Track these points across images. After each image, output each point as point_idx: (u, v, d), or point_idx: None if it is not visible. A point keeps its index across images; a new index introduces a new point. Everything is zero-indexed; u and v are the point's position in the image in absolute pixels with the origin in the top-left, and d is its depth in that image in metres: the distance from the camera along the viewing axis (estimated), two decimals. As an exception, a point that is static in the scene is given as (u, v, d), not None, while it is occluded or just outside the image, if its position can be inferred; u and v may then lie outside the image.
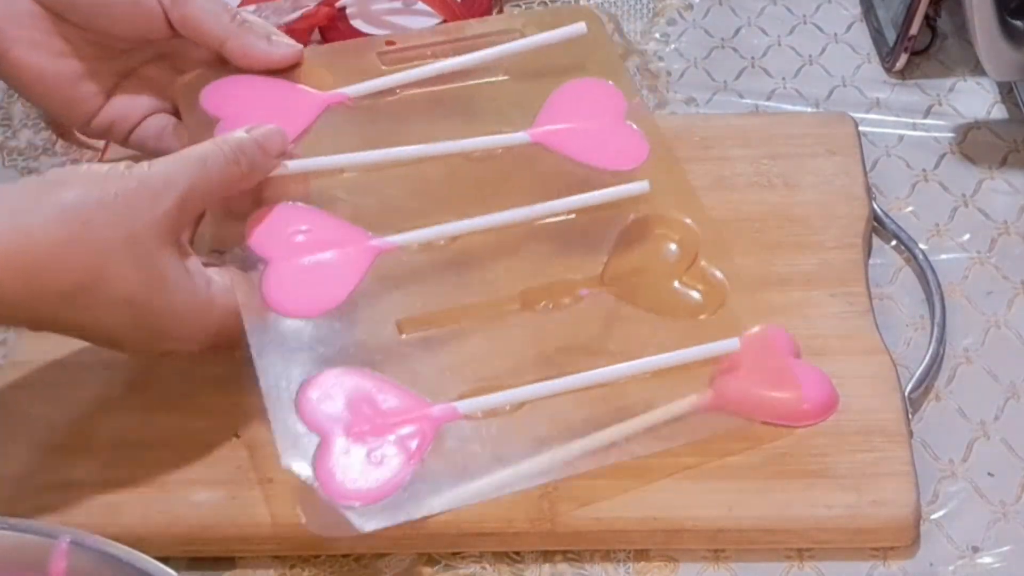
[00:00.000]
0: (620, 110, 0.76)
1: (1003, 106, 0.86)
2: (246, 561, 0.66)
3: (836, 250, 0.75)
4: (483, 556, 0.66)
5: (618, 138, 0.75)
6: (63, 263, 0.59)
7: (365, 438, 0.62)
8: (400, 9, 0.93)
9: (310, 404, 0.63)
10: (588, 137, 0.75)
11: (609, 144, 0.75)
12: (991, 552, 0.65)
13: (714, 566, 0.65)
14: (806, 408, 0.68)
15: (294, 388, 0.63)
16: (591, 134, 0.75)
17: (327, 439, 0.62)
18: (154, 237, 0.62)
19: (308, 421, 0.63)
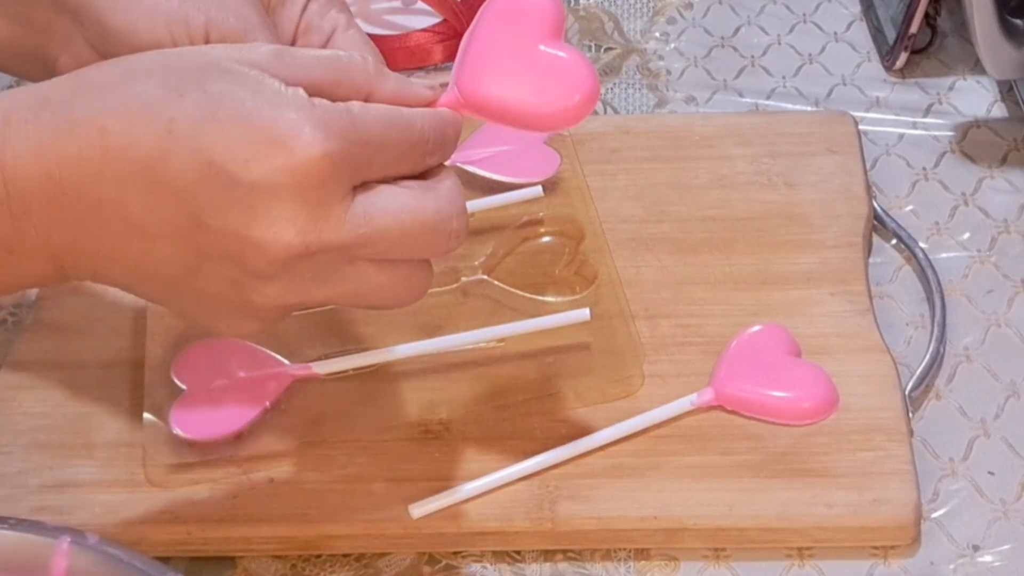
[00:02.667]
0: (541, 136, 0.79)
1: (1003, 105, 0.86)
2: (246, 561, 0.66)
3: (836, 249, 0.75)
4: (483, 555, 0.66)
5: (533, 157, 0.78)
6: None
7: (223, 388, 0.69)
8: (400, 9, 0.93)
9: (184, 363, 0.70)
10: (503, 157, 0.78)
11: (522, 162, 0.78)
12: (991, 550, 0.65)
13: (715, 565, 0.65)
14: (806, 407, 0.68)
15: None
16: (507, 155, 0.78)
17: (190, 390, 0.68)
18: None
19: (179, 377, 0.69)
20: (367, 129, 0.54)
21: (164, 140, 0.52)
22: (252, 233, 0.52)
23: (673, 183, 0.79)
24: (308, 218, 0.52)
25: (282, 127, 0.52)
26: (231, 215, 0.52)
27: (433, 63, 0.91)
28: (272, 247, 0.52)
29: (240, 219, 0.52)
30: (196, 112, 0.52)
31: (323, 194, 0.52)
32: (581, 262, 0.75)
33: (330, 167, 0.52)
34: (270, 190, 0.52)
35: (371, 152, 0.54)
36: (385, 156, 0.54)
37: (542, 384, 0.70)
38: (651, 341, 0.71)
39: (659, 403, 0.68)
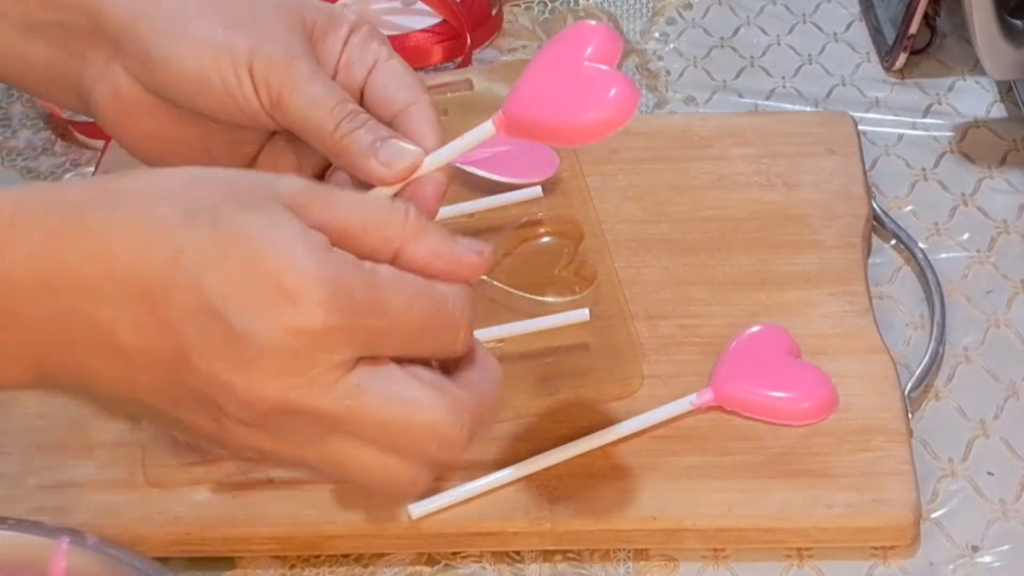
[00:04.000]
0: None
1: (1002, 105, 0.86)
2: (246, 561, 0.66)
3: (836, 249, 0.75)
4: (483, 556, 0.66)
5: (532, 157, 0.78)
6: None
7: None
8: (400, 9, 0.93)
9: None
10: (503, 158, 0.78)
11: (522, 162, 0.78)
12: (991, 551, 0.65)
13: (714, 565, 0.65)
14: (806, 407, 0.68)
15: None
16: (507, 155, 0.78)
17: None
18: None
19: None
20: (386, 301, 0.51)
21: (169, 271, 0.50)
22: (235, 380, 0.50)
23: (673, 183, 0.79)
24: (293, 378, 0.50)
25: (290, 281, 0.49)
26: (218, 359, 0.50)
27: (433, 63, 0.91)
28: (251, 397, 0.50)
29: (226, 365, 0.50)
30: (205, 247, 0.50)
31: (316, 357, 0.50)
32: (580, 262, 0.75)
33: (329, 336, 0.49)
34: (262, 342, 0.49)
35: (385, 327, 0.51)
36: (402, 335, 0.51)
37: (542, 385, 0.70)
38: (651, 341, 0.71)
39: (659, 403, 0.68)
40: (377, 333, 0.50)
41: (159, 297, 0.50)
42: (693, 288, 0.74)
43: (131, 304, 0.50)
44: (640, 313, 0.72)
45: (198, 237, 0.50)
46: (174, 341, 0.50)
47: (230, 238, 0.50)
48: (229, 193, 0.51)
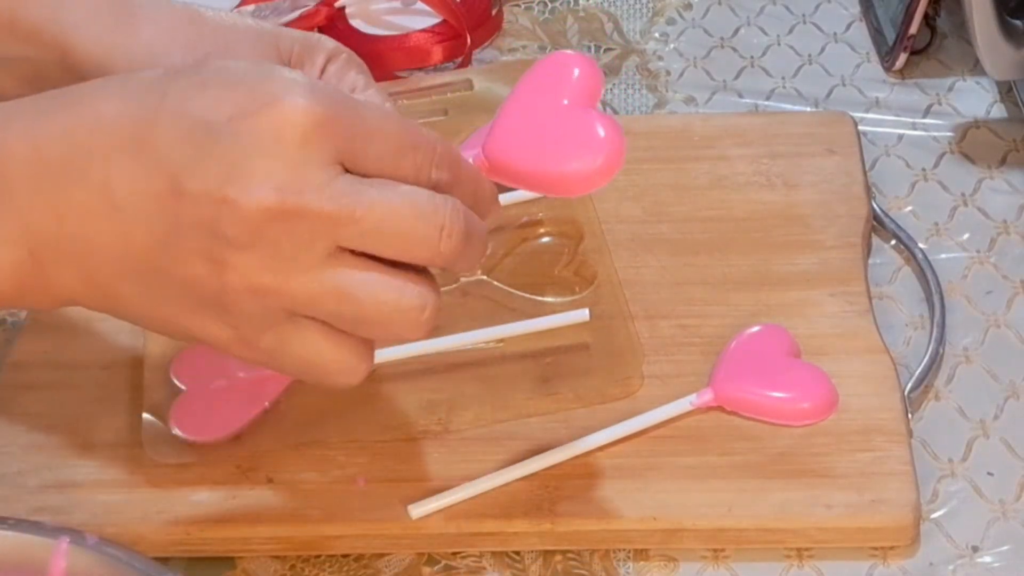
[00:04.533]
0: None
1: (1002, 105, 0.86)
2: (246, 561, 0.66)
3: (836, 249, 0.75)
4: (482, 556, 0.66)
5: None
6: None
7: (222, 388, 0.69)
8: (399, 9, 0.93)
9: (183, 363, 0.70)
10: None
11: None
12: (991, 551, 0.65)
13: (714, 566, 0.65)
14: (806, 407, 0.68)
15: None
16: None
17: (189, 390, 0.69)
18: None
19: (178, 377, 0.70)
20: (365, 110, 0.52)
21: (154, 111, 0.51)
22: (229, 191, 0.50)
23: (672, 184, 0.79)
24: (287, 175, 0.50)
25: (271, 86, 0.51)
26: (210, 173, 0.50)
27: (433, 63, 0.91)
28: (248, 204, 0.50)
29: (218, 176, 0.50)
30: (189, 83, 0.51)
31: (305, 153, 0.50)
32: (580, 262, 0.75)
33: (314, 125, 0.50)
34: (250, 145, 0.50)
35: (365, 132, 0.52)
36: (382, 145, 0.52)
37: (542, 385, 0.70)
38: (650, 342, 0.71)
39: (658, 404, 0.68)
40: (359, 137, 0.51)
41: (146, 135, 0.51)
42: (693, 288, 0.74)
43: (120, 152, 0.51)
44: (640, 313, 0.72)
45: (181, 78, 0.52)
46: (165, 173, 0.51)
47: (214, 72, 0.52)
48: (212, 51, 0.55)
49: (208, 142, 0.50)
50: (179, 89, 0.51)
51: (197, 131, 0.50)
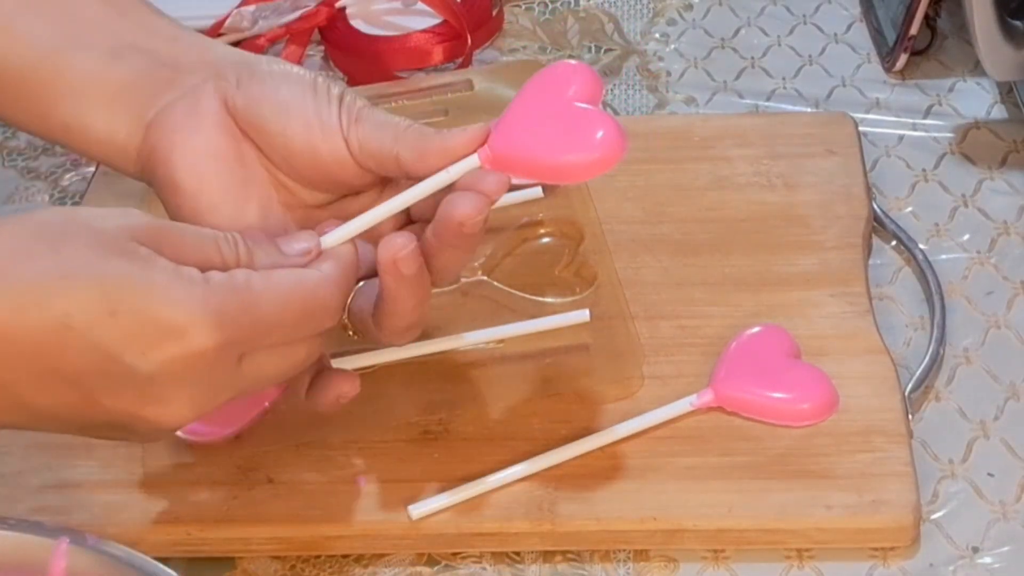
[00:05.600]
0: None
1: (1003, 106, 0.86)
2: (246, 561, 0.66)
3: (836, 250, 0.75)
4: (483, 556, 0.66)
5: None
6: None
7: None
8: (400, 9, 0.93)
9: None
10: None
11: None
12: (991, 552, 0.65)
13: (714, 566, 0.65)
14: (806, 408, 0.68)
15: None
16: None
17: None
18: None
19: None
20: (264, 309, 0.55)
21: (60, 334, 0.52)
22: (146, 412, 0.54)
23: (673, 184, 0.79)
24: (200, 394, 0.55)
25: (178, 317, 0.53)
26: (126, 397, 0.54)
27: (433, 64, 0.91)
28: (167, 422, 0.55)
29: (135, 401, 0.54)
30: (91, 307, 0.53)
31: (213, 370, 0.55)
32: (581, 263, 0.75)
33: (218, 348, 0.54)
34: (167, 376, 0.54)
35: (265, 329, 0.55)
36: (278, 333, 0.56)
37: (542, 385, 0.70)
38: (651, 342, 0.71)
39: (659, 404, 0.68)
40: (258, 334, 0.55)
41: (55, 356, 0.53)
42: (693, 289, 0.74)
43: (26, 363, 0.53)
44: (640, 314, 0.72)
45: (82, 298, 0.53)
46: (78, 390, 0.54)
47: (113, 292, 0.53)
48: (92, 242, 0.54)
49: (124, 372, 0.53)
50: (83, 314, 0.52)
51: (110, 362, 0.53)
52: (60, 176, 0.87)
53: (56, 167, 0.87)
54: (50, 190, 0.86)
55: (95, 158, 0.64)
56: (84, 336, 0.52)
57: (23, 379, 0.53)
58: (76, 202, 0.83)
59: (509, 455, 0.67)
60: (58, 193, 0.86)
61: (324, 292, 0.57)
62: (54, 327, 0.52)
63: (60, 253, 0.53)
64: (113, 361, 0.53)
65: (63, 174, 0.87)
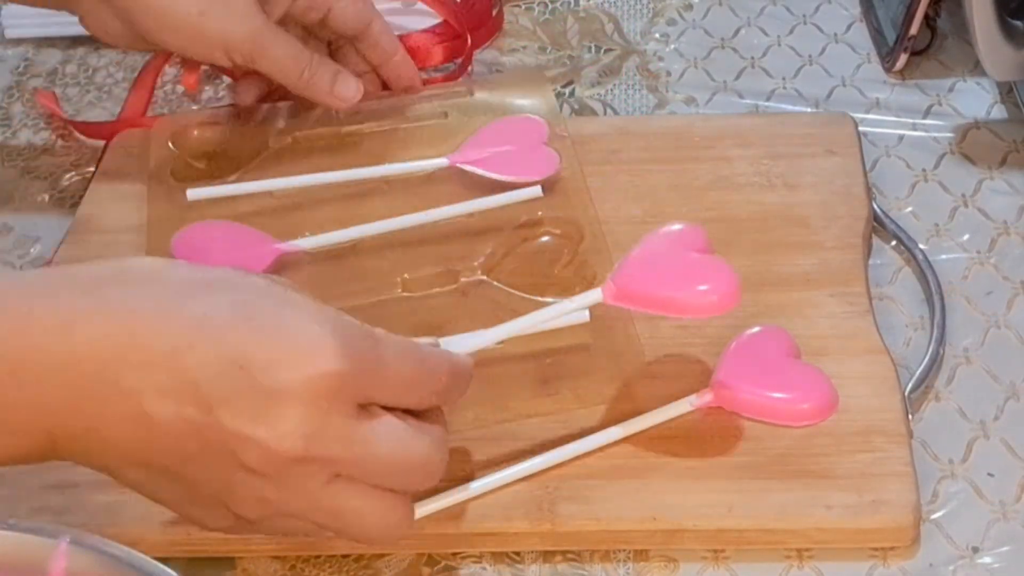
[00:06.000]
0: (541, 137, 0.81)
1: (1003, 106, 0.86)
2: (246, 561, 0.66)
3: (836, 250, 0.75)
4: (483, 556, 0.66)
5: (531, 157, 0.80)
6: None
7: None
8: (400, 9, 0.93)
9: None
10: (502, 157, 0.80)
11: (521, 162, 0.79)
12: (991, 552, 0.65)
13: (714, 566, 0.65)
14: (806, 408, 0.68)
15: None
16: (506, 155, 0.80)
17: None
18: None
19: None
20: (385, 355, 0.56)
21: (193, 331, 0.54)
22: (259, 431, 0.54)
23: (673, 184, 0.79)
24: (315, 426, 0.54)
25: (308, 339, 0.54)
26: (242, 409, 0.54)
27: (433, 64, 0.91)
28: (275, 448, 0.54)
29: (250, 414, 0.54)
30: (229, 312, 0.54)
31: (333, 406, 0.54)
32: (580, 263, 0.75)
33: (343, 382, 0.54)
34: (285, 395, 0.54)
35: (384, 378, 0.56)
36: (396, 385, 0.57)
37: (541, 385, 0.70)
38: (651, 342, 0.71)
39: (659, 404, 0.68)
40: (377, 383, 0.56)
41: (184, 355, 0.53)
42: (693, 289, 0.74)
43: (157, 367, 0.54)
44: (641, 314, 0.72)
45: (220, 301, 0.55)
46: (199, 399, 0.54)
47: (251, 305, 0.55)
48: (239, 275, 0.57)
49: (245, 383, 0.54)
50: (220, 315, 0.54)
51: (235, 369, 0.53)
52: (60, 176, 0.87)
53: (56, 167, 0.87)
54: (50, 190, 0.86)
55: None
56: (215, 336, 0.54)
57: (151, 384, 0.54)
58: (75, 202, 0.83)
59: (509, 455, 0.67)
60: (58, 193, 0.86)
61: (434, 362, 0.59)
62: (189, 325, 0.54)
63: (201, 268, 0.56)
64: (237, 368, 0.54)
65: (63, 174, 0.87)
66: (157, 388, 0.54)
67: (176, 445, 0.55)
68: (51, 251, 0.80)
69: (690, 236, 0.66)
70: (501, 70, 0.91)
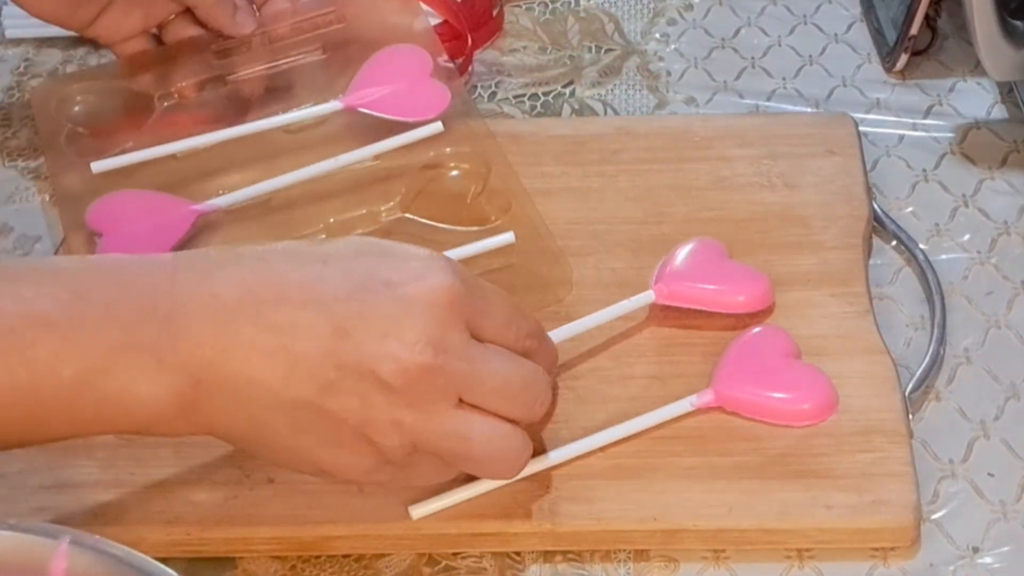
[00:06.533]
0: (426, 70, 0.83)
1: (1003, 106, 0.86)
2: (246, 561, 0.66)
3: (836, 250, 0.75)
4: (483, 556, 0.66)
5: (423, 93, 0.82)
6: None
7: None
8: (400, 9, 0.93)
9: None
10: (395, 96, 0.82)
11: (414, 99, 0.82)
12: (991, 552, 0.65)
13: (714, 566, 0.65)
14: (806, 408, 0.68)
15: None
16: (398, 93, 0.82)
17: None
18: None
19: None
20: (485, 290, 0.63)
21: (319, 267, 0.60)
22: (390, 344, 0.59)
23: (673, 184, 0.79)
24: (438, 334, 0.60)
25: (421, 261, 0.61)
26: (372, 326, 0.59)
27: (433, 64, 0.91)
28: (407, 357, 0.59)
29: (380, 329, 0.59)
30: (347, 249, 0.62)
31: (449, 316, 0.60)
32: (491, 191, 0.78)
33: (455, 295, 0.60)
34: (407, 308, 0.60)
35: (488, 305, 0.62)
36: (497, 316, 0.63)
37: None
38: (651, 342, 0.71)
39: (659, 404, 0.68)
40: (481, 307, 0.62)
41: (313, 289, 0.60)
42: (694, 289, 0.74)
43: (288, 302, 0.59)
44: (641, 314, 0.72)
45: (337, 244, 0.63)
46: (332, 319, 0.59)
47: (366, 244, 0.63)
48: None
49: (369, 300, 0.60)
50: (339, 252, 0.62)
51: (358, 290, 0.60)
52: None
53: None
54: (50, 190, 0.86)
55: None
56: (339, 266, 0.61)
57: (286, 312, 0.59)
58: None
59: (509, 455, 0.67)
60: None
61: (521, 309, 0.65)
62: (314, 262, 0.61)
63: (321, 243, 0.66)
64: (363, 288, 0.60)
65: (63, 174, 0.87)
66: (293, 314, 0.59)
67: (317, 374, 0.59)
68: (52, 251, 0.80)
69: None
70: (502, 71, 0.91)
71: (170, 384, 0.58)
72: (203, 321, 0.59)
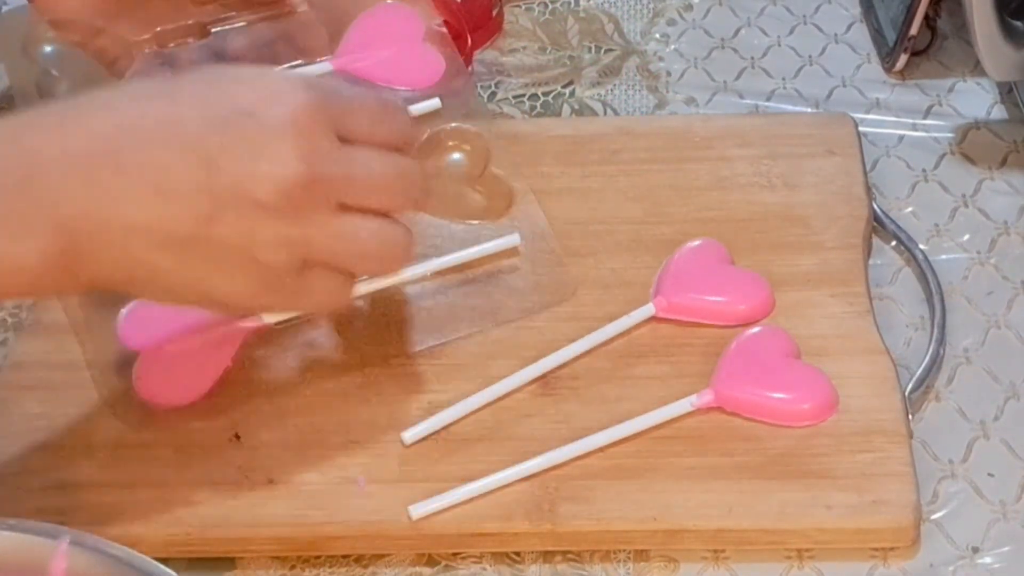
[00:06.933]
0: (418, 34, 0.80)
1: (1003, 106, 0.86)
2: (246, 562, 0.66)
3: (836, 250, 0.75)
4: (483, 556, 0.66)
5: (416, 60, 0.79)
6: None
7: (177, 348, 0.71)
8: (400, 9, 0.93)
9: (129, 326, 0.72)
10: (387, 62, 0.79)
11: (407, 66, 0.79)
12: (991, 552, 0.65)
13: (714, 566, 0.65)
14: (806, 408, 0.68)
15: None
16: (390, 58, 0.79)
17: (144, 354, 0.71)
18: None
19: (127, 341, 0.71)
20: (345, 89, 0.64)
21: (173, 106, 0.60)
22: (262, 166, 0.59)
23: (673, 184, 0.79)
24: (309, 148, 0.60)
25: (278, 83, 0.61)
26: (241, 152, 0.59)
27: (433, 64, 0.91)
28: (280, 175, 0.59)
29: (249, 154, 0.59)
30: (198, 84, 0.62)
31: (314, 127, 0.60)
32: (492, 178, 0.78)
33: (316, 107, 0.60)
34: (272, 130, 0.59)
35: (348, 108, 0.62)
36: (363, 118, 0.63)
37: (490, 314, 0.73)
38: (652, 343, 0.71)
39: (659, 404, 0.68)
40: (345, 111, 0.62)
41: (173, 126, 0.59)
42: (693, 289, 0.74)
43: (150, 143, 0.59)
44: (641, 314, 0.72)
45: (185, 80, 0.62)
46: (199, 155, 0.59)
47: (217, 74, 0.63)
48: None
49: (231, 131, 0.59)
50: (190, 87, 0.61)
51: (219, 122, 0.60)
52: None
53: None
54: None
55: None
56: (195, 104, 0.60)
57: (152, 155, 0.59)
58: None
59: (509, 455, 0.67)
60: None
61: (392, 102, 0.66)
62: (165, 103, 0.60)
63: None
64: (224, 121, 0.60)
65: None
66: (158, 160, 0.59)
67: (194, 208, 0.59)
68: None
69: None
70: (502, 71, 0.91)
71: (42, 247, 0.57)
72: (63, 178, 0.58)
